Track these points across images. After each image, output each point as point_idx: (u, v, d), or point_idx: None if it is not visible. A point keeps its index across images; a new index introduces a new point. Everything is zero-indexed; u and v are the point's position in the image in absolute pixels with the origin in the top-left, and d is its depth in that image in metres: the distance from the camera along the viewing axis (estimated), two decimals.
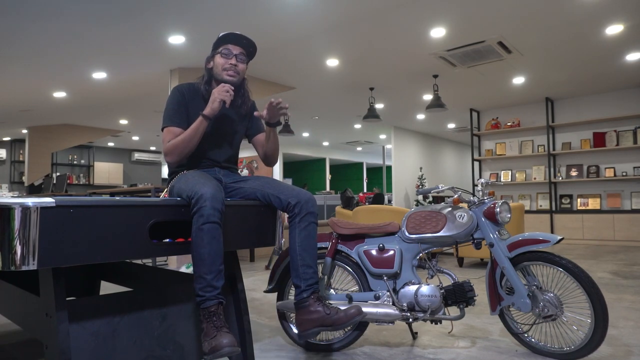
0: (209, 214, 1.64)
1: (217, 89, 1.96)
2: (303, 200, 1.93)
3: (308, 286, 1.90)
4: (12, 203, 1.33)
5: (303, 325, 1.88)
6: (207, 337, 1.61)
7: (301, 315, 1.89)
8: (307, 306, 1.88)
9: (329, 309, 1.86)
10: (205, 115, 1.93)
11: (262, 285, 4.13)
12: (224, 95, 1.93)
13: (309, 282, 1.90)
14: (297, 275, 1.92)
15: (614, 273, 4.50)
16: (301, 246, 1.92)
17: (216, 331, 1.60)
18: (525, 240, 2.08)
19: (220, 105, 1.94)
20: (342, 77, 6.51)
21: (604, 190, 7.69)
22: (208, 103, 1.95)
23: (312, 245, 1.94)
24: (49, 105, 7.74)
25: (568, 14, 4.50)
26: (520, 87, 7.27)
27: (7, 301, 1.95)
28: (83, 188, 12.46)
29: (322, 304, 1.88)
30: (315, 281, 1.92)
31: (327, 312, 1.85)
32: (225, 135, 2.12)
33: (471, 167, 8.82)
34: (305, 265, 1.91)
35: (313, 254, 1.94)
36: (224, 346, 1.54)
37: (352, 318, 1.84)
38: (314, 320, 1.85)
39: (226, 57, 2.04)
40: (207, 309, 1.64)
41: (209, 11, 4.22)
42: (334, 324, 1.84)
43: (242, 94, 2.14)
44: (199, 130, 1.94)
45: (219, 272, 1.66)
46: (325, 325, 1.84)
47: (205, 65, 2.10)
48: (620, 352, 2.20)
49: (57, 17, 4.27)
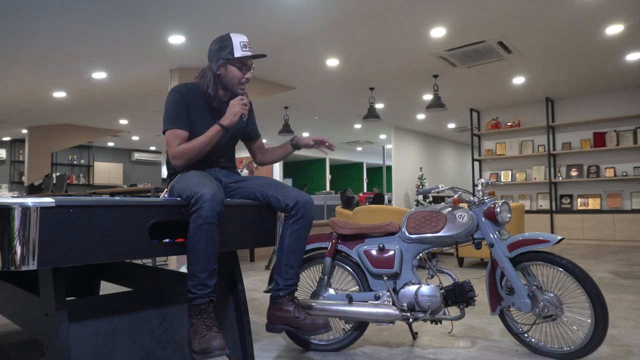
0: (208, 215, 1.65)
1: (237, 102, 1.93)
2: (301, 203, 1.94)
3: (286, 286, 1.97)
4: (12, 203, 1.33)
5: (272, 318, 1.98)
6: (197, 335, 1.63)
7: (272, 310, 1.99)
8: (280, 303, 1.97)
9: (299, 313, 1.93)
10: (224, 126, 1.92)
11: (262, 285, 4.12)
12: (244, 109, 1.94)
13: (288, 282, 1.97)
14: (279, 272, 1.99)
15: (614, 273, 4.50)
16: (289, 248, 1.97)
17: (206, 330, 1.63)
18: (525, 240, 2.08)
19: (239, 119, 1.95)
20: (342, 77, 6.51)
21: (604, 190, 7.69)
22: (227, 114, 1.93)
23: (300, 248, 1.99)
24: (49, 105, 7.74)
25: (568, 14, 4.50)
26: (520, 87, 7.27)
27: (7, 301, 1.95)
28: (83, 188, 12.46)
29: (294, 306, 1.95)
30: (295, 282, 1.99)
31: (297, 315, 1.93)
32: (226, 137, 2.11)
33: (471, 167, 8.82)
34: (288, 266, 1.97)
35: (299, 257, 1.99)
36: (213, 349, 1.58)
37: (316, 328, 1.90)
38: (282, 318, 1.95)
39: (243, 71, 2.03)
40: (198, 306, 1.67)
41: (209, 11, 4.22)
42: (300, 329, 1.92)
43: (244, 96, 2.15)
44: (214, 139, 1.94)
45: (212, 271, 1.69)
46: (292, 326, 1.93)
47: (213, 70, 2.01)
48: (620, 352, 2.20)
49: (57, 17, 4.27)
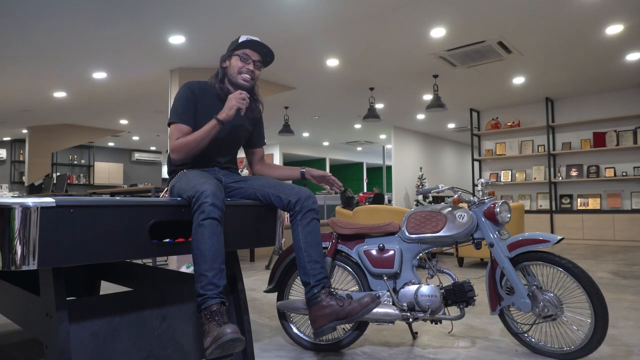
0: (210, 210, 1.63)
1: (234, 95, 1.92)
2: (303, 198, 1.93)
3: (317, 281, 1.86)
4: (12, 203, 1.33)
5: (317, 321, 1.82)
6: (210, 336, 1.51)
7: (314, 312, 1.83)
8: (319, 302, 1.83)
9: (341, 301, 1.81)
10: (220, 120, 1.91)
11: (262, 285, 4.13)
12: (241, 103, 1.91)
13: (318, 277, 1.87)
14: (305, 272, 1.88)
15: (614, 273, 4.50)
16: (306, 242, 1.90)
17: (219, 326, 1.52)
18: (525, 240, 2.08)
19: (235, 112, 1.93)
20: (342, 77, 6.51)
21: (604, 190, 7.69)
22: (224, 108, 1.92)
23: (316, 241, 1.92)
24: (49, 105, 7.74)
25: (568, 14, 4.50)
26: (520, 87, 7.27)
27: (8, 301, 1.95)
28: (83, 188, 12.46)
29: (334, 297, 1.83)
30: (325, 276, 1.89)
31: (340, 304, 1.80)
32: (230, 138, 2.12)
33: (471, 167, 8.82)
34: (312, 261, 1.88)
35: (319, 250, 1.91)
36: (227, 333, 1.46)
37: (366, 306, 1.79)
38: (328, 315, 1.80)
39: (244, 61, 2.04)
40: (209, 309, 1.57)
41: (209, 11, 4.22)
42: (349, 315, 1.79)
43: (254, 99, 2.15)
44: (210, 133, 1.93)
45: (220, 270, 1.62)
46: (340, 318, 1.79)
47: (221, 64, 2.10)
48: (620, 352, 2.20)
49: (57, 17, 4.28)
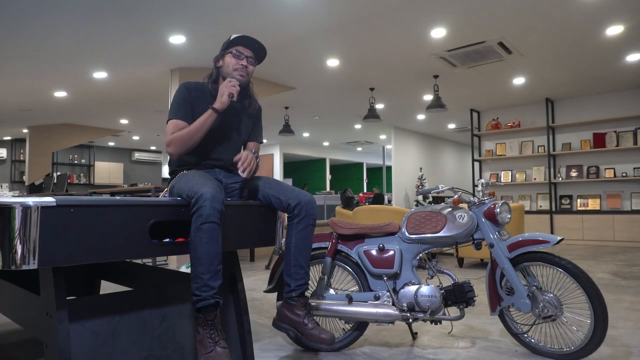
0: (209, 213, 1.63)
1: (223, 83, 1.97)
2: (303, 202, 1.94)
3: (297, 286, 2.00)
4: (12, 202, 1.33)
5: (281, 317, 2.03)
6: (203, 349, 1.60)
7: (284, 309, 2.03)
8: (293, 305, 2.00)
9: (308, 320, 1.96)
10: (215, 108, 1.92)
11: (262, 285, 4.13)
12: (231, 88, 1.94)
13: (299, 282, 2.00)
14: (289, 274, 2.01)
15: (614, 274, 4.50)
16: (296, 247, 1.99)
17: (213, 345, 1.60)
18: (525, 241, 2.08)
19: (229, 98, 1.94)
20: (343, 78, 6.51)
21: (604, 191, 7.69)
22: (217, 98, 1.95)
23: (306, 247, 2.01)
24: (49, 105, 7.74)
25: (568, 15, 4.50)
26: (520, 87, 7.27)
27: (8, 300, 1.95)
28: (83, 187, 12.46)
29: (306, 312, 1.98)
30: (305, 282, 2.02)
31: (306, 322, 1.95)
32: (229, 136, 2.12)
33: (471, 168, 8.82)
34: (297, 266, 2.00)
35: (306, 256, 2.02)
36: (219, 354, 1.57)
37: (320, 341, 1.91)
38: (291, 319, 1.99)
39: (237, 57, 2.05)
40: (204, 317, 1.64)
41: (209, 11, 4.22)
42: (304, 335, 1.94)
43: (249, 95, 2.15)
44: (206, 123, 1.92)
45: (216, 272, 1.66)
46: (298, 330, 1.96)
47: (215, 64, 2.11)
48: (620, 352, 2.20)
49: (57, 17, 4.28)
